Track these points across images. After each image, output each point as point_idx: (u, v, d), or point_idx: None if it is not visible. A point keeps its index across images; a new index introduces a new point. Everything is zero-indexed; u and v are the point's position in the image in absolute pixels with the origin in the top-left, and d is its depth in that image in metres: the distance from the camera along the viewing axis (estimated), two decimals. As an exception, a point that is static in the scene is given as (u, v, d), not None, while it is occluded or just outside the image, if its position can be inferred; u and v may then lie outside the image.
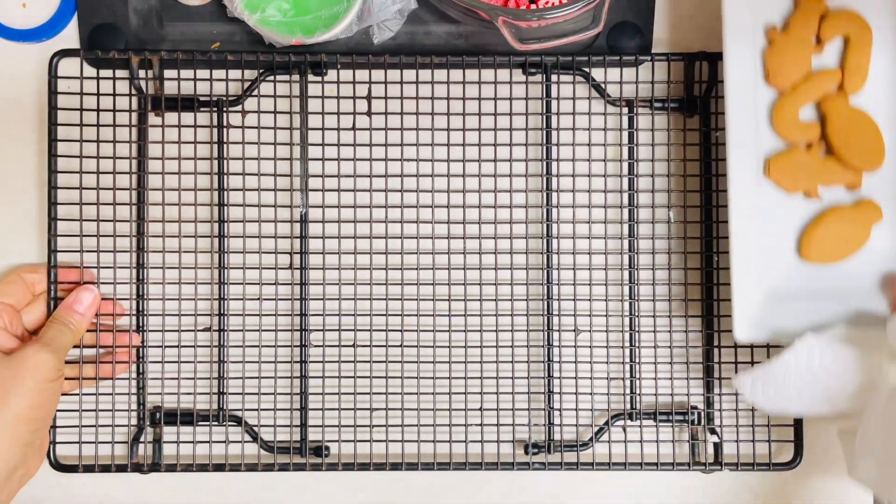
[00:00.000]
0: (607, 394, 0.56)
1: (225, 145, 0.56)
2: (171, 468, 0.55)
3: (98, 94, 0.56)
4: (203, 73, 0.56)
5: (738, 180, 0.51)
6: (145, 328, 0.56)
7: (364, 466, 0.56)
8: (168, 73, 0.56)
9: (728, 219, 0.52)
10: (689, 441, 0.57)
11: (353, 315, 0.56)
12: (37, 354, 0.50)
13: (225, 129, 0.56)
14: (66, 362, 0.53)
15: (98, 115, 0.56)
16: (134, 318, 0.56)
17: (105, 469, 0.55)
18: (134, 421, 0.56)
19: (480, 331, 0.56)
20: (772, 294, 0.52)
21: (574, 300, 0.56)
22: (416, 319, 0.56)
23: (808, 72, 0.52)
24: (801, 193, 0.52)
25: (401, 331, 0.56)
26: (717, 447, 0.56)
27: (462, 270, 0.56)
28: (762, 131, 0.52)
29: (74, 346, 0.54)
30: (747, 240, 0.51)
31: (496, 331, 0.56)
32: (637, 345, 0.56)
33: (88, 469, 0.55)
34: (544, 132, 0.56)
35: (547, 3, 0.54)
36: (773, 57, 0.52)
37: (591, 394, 0.56)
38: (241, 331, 0.56)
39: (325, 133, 0.56)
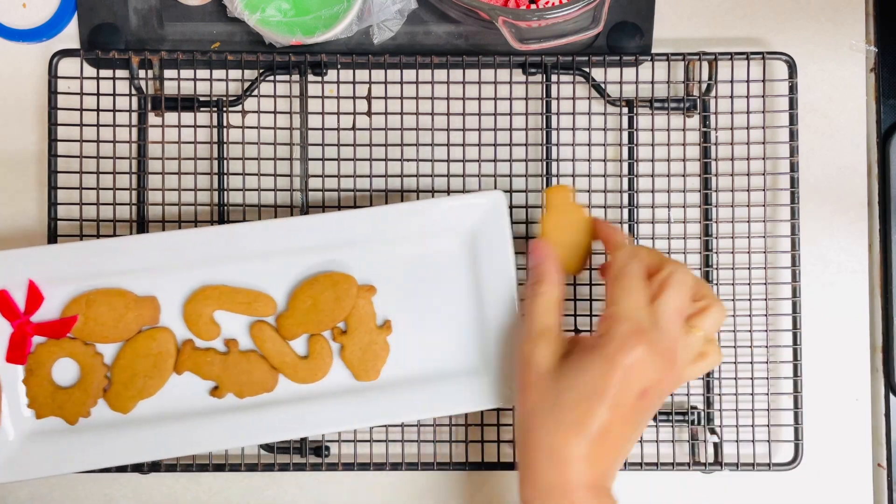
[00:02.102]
0: (607, 394, 0.56)
1: (225, 145, 0.56)
2: (171, 468, 0.55)
3: (98, 94, 0.56)
4: (203, 73, 0.56)
5: None
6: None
7: (364, 466, 0.56)
8: (168, 73, 0.56)
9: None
10: (689, 441, 0.56)
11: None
12: None
13: (225, 129, 0.56)
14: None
15: (98, 115, 0.56)
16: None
17: (105, 469, 0.55)
18: (134, 421, 0.56)
19: (480, 331, 0.56)
20: None
21: (574, 300, 0.56)
22: (416, 319, 0.56)
23: None
24: None
25: (401, 331, 0.56)
26: (717, 447, 0.56)
27: (462, 270, 0.56)
28: None
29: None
30: None
31: (496, 331, 0.56)
32: (637, 345, 0.56)
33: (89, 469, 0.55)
34: (544, 132, 0.57)
35: (547, 3, 0.54)
36: None
37: (591, 394, 0.56)
38: (241, 331, 0.56)
39: (325, 133, 0.56)
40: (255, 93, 0.56)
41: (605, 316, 0.47)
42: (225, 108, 0.56)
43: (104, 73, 0.56)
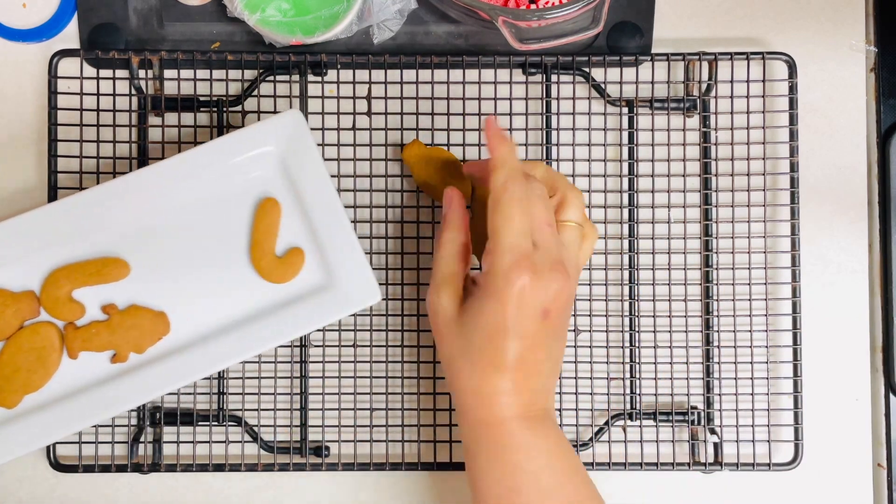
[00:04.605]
0: (607, 394, 0.56)
1: (225, 145, 0.56)
2: (171, 468, 0.55)
3: (98, 94, 0.56)
4: (203, 73, 0.56)
5: None
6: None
7: (364, 466, 0.56)
8: (168, 73, 0.56)
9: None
10: (689, 441, 0.57)
11: (353, 315, 0.56)
12: None
13: (225, 130, 0.56)
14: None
15: (98, 115, 0.56)
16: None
17: (105, 469, 0.55)
18: (134, 421, 0.56)
19: (480, 331, 0.56)
20: None
21: (574, 300, 0.56)
22: (416, 319, 0.56)
23: None
24: None
25: (401, 331, 0.56)
26: (717, 447, 0.56)
27: (462, 270, 0.56)
28: None
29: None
30: None
31: (496, 331, 0.56)
32: (637, 345, 0.56)
33: (88, 469, 0.55)
34: (544, 132, 0.57)
35: (547, 3, 0.54)
36: None
37: (591, 394, 0.56)
38: (241, 331, 0.56)
39: (325, 133, 0.56)
40: (255, 93, 0.56)
41: (487, 249, 0.47)
42: (225, 109, 0.56)
43: (104, 73, 0.56)
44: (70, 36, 0.58)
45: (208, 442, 0.56)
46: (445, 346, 0.48)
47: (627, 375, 0.56)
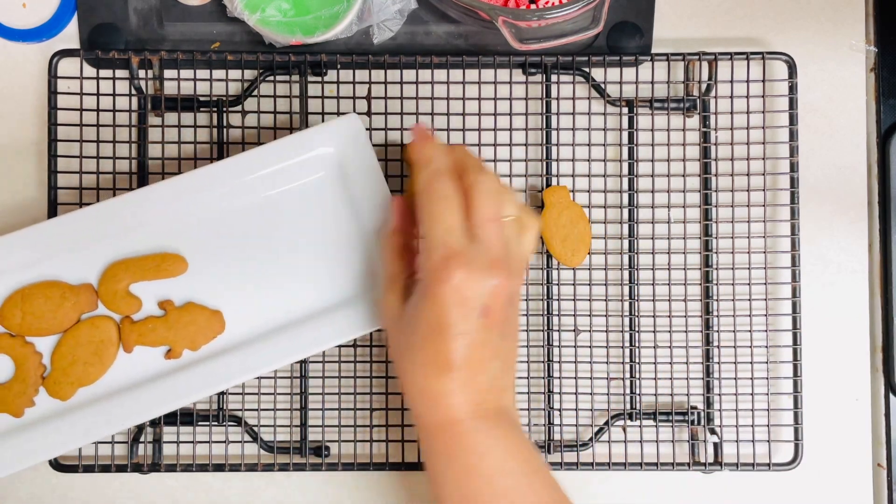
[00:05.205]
0: (607, 394, 0.56)
1: (225, 146, 0.56)
2: (171, 468, 0.55)
3: (98, 94, 0.56)
4: (203, 73, 0.56)
5: None
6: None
7: (364, 466, 0.56)
8: (168, 73, 0.56)
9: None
10: (689, 441, 0.57)
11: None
12: None
13: (225, 130, 0.56)
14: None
15: (98, 115, 0.56)
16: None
17: (105, 469, 0.55)
18: (134, 421, 0.56)
19: (480, 331, 0.56)
20: None
21: (574, 300, 0.56)
22: (416, 319, 0.56)
23: None
24: None
25: (401, 331, 0.56)
26: (717, 447, 0.56)
27: (462, 270, 0.56)
28: None
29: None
30: None
31: (496, 331, 0.56)
32: (637, 345, 0.56)
33: (88, 469, 0.55)
34: (544, 132, 0.57)
35: (547, 3, 0.54)
36: None
37: (591, 394, 0.56)
38: (241, 331, 0.56)
39: (325, 133, 0.56)
40: (255, 93, 0.56)
41: (420, 248, 0.46)
42: (225, 109, 0.56)
43: (104, 73, 0.56)
44: (70, 36, 0.58)
45: (208, 442, 0.56)
46: (391, 344, 0.48)
47: (627, 375, 0.56)
